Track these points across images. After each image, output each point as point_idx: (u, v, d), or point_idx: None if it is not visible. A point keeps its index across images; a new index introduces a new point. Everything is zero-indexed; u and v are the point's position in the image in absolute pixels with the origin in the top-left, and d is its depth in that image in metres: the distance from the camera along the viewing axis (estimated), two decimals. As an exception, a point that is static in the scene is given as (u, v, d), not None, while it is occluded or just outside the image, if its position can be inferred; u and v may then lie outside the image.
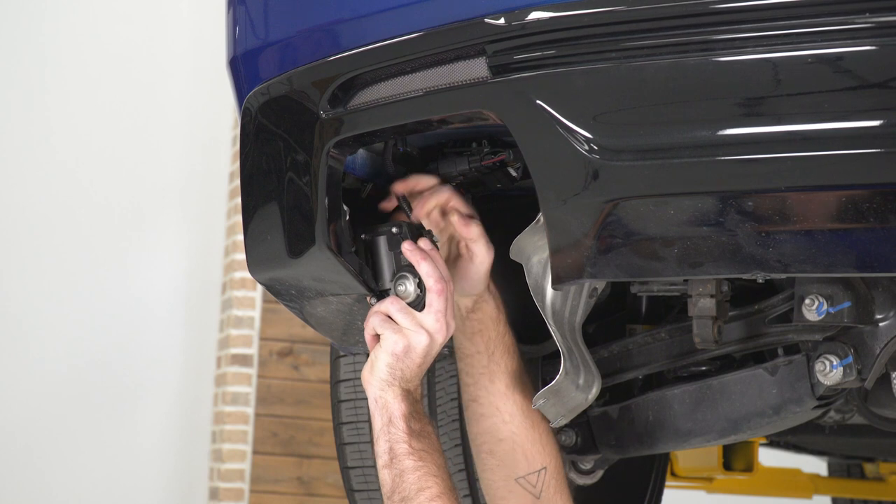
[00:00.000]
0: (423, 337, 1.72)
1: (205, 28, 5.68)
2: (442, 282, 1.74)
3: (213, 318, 5.66)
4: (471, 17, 1.52)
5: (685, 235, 1.46)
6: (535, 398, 1.78)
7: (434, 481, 1.67)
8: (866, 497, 3.74)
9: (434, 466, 1.69)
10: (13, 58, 5.60)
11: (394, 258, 1.77)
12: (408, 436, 1.70)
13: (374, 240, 1.79)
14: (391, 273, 1.77)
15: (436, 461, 1.70)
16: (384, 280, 1.78)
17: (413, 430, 1.70)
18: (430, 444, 1.71)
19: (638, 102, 1.45)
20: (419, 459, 1.69)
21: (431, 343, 1.73)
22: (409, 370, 1.73)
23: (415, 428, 1.71)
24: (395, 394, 1.72)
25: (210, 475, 5.46)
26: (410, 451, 1.69)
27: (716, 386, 1.91)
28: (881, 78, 1.35)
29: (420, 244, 1.76)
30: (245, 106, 1.75)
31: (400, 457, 1.69)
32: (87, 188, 5.61)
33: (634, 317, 2.06)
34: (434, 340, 1.73)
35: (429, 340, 1.73)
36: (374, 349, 1.75)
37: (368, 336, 1.76)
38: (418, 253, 1.75)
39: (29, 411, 5.41)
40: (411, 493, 1.67)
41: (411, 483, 1.68)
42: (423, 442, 1.70)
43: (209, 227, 5.71)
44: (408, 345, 1.73)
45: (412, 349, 1.73)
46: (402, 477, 1.68)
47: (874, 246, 1.38)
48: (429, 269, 1.74)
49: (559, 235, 1.52)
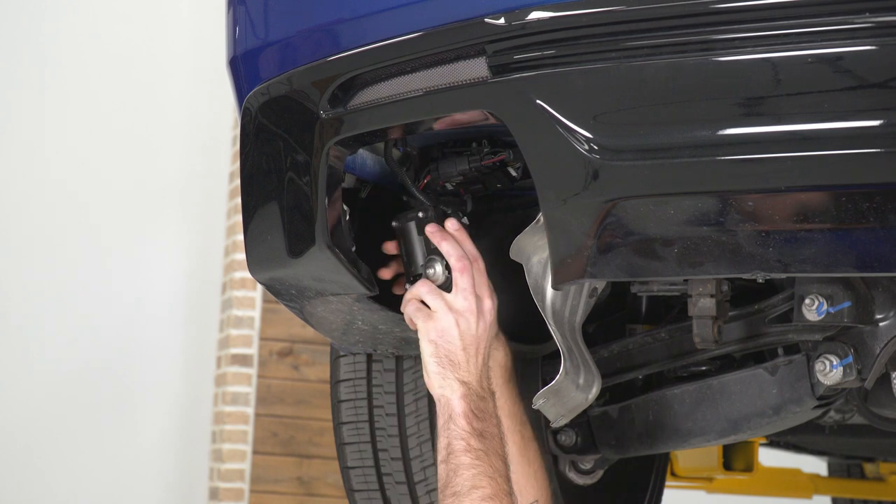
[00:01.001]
0: (451, 318, 1.70)
1: (205, 28, 5.68)
2: (464, 259, 1.72)
3: (213, 318, 5.66)
4: (471, 17, 1.52)
5: (685, 235, 1.46)
6: (535, 398, 1.78)
7: (488, 482, 1.65)
8: (866, 497, 3.74)
9: (491, 468, 1.66)
10: (13, 58, 5.60)
11: (423, 242, 1.78)
12: (468, 433, 1.67)
13: (404, 226, 1.79)
14: (423, 257, 1.77)
15: (493, 464, 1.67)
16: (416, 265, 1.78)
17: (475, 428, 1.68)
18: (492, 446, 1.69)
19: (638, 102, 1.45)
20: (476, 458, 1.67)
21: (464, 322, 1.71)
22: (455, 355, 1.70)
23: (476, 427, 1.68)
24: (454, 390, 1.69)
25: (210, 475, 5.46)
26: (468, 448, 1.67)
27: (716, 386, 1.91)
28: (881, 78, 1.35)
29: (447, 225, 1.76)
30: (245, 106, 1.75)
31: (457, 453, 1.67)
32: (87, 188, 5.61)
33: (634, 317, 2.06)
34: (466, 319, 1.71)
35: (457, 320, 1.71)
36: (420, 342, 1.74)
37: (412, 326, 1.76)
38: (439, 234, 1.75)
39: (29, 411, 5.41)
40: (463, 490, 1.65)
41: (465, 480, 1.65)
42: (485, 442, 1.68)
43: (209, 227, 5.71)
44: (440, 328, 1.71)
45: (446, 332, 1.71)
46: (457, 472, 1.66)
47: (874, 246, 1.38)
48: (449, 249, 1.73)
49: (559, 235, 1.52)
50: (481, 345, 1.72)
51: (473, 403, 1.69)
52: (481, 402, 1.71)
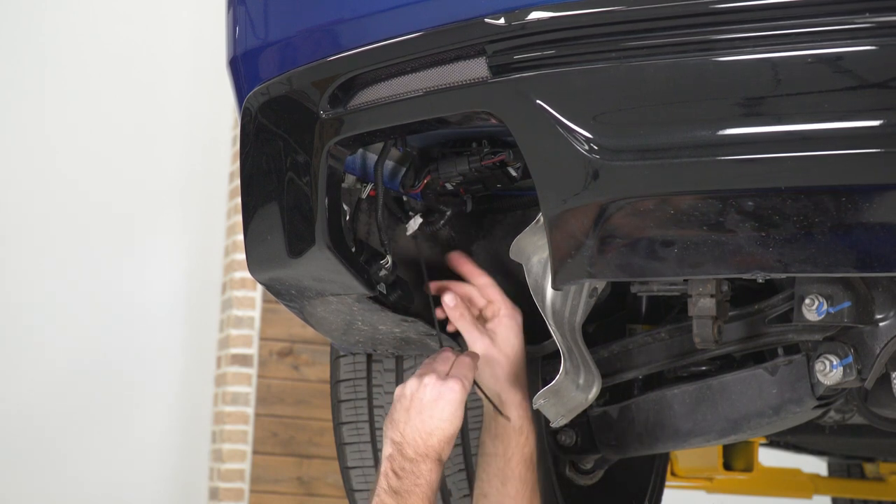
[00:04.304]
0: (412, 382, 1.80)
1: (205, 28, 5.68)
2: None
3: (213, 318, 5.66)
4: (471, 17, 1.52)
5: (685, 235, 1.46)
6: (535, 398, 1.79)
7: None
8: (866, 497, 3.74)
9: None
10: (13, 58, 5.61)
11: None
12: (383, 490, 1.75)
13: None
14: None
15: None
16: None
17: (391, 486, 1.75)
18: (404, 502, 1.75)
19: (638, 102, 1.45)
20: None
21: (417, 385, 1.79)
22: (398, 413, 1.79)
23: (393, 484, 1.75)
24: (385, 447, 1.78)
25: (210, 475, 5.46)
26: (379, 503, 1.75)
27: (716, 386, 1.91)
28: (881, 78, 1.35)
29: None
30: (245, 106, 1.75)
31: (378, 493, 1.76)
32: (87, 188, 5.62)
33: (634, 317, 2.06)
34: (425, 386, 1.79)
35: (418, 386, 1.79)
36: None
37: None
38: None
39: (28, 411, 5.41)
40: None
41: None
42: (398, 498, 1.75)
43: (209, 227, 5.71)
44: (400, 390, 1.81)
45: (400, 393, 1.81)
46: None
47: (874, 246, 1.38)
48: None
49: (559, 235, 1.52)
50: (425, 413, 1.76)
51: (397, 463, 1.75)
52: (409, 463, 1.75)
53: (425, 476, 1.75)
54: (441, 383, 1.76)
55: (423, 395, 1.76)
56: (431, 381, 1.76)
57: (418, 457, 1.75)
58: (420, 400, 1.76)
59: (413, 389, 1.77)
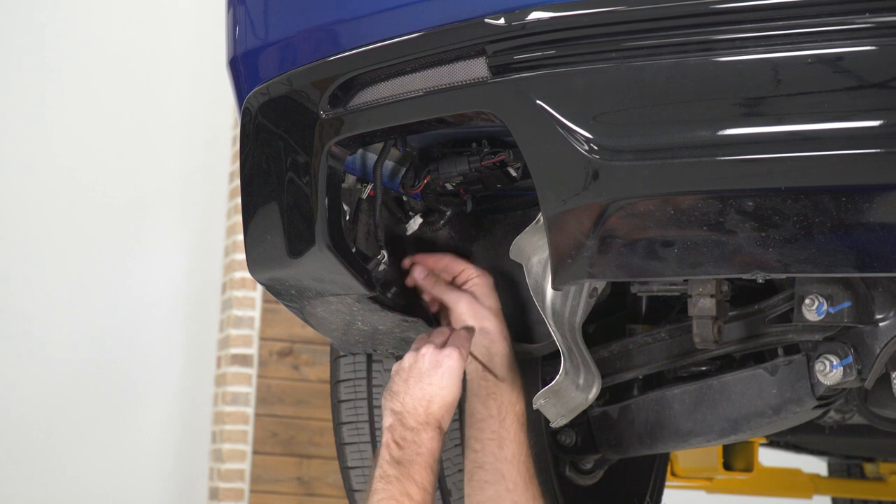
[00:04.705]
0: (409, 355, 1.82)
1: (205, 28, 5.68)
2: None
3: (213, 318, 5.66)
4: (471, 17, 1.52)
5: (685, 236, 1.46)
6: (535, 398, 1.78)
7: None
8: (866, 497, 3.74)
9: (399, 492, 1.73)
10: (13, 58, 5.61)
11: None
12: (385, 461, 1.76)
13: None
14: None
15: (403, 488, 1.74)
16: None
17: (392, 456, 1.75)
18: (406, 471, 1.75)
19: (638, 102, 1.45)
20: (387, 483, 1.74)
21: (413, 358, 1.82)
22: (396, 385, 1.80)
23: (395, 455, 1.76)
24: (385, 418, 1.79)
25: (210, 475, 5.46)
26: (382, 475, 1.75)
27: (716, 386, 1.91)
28: (881, 78, 1.35)
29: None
30: (245, 106, 1.75)
31: (374, 479, 1.77)
32: (88, 188, 5.62)
33: (634, 317, 2.06)
34: (417, 357, 1.81)
35: (412, 356, 1.82)
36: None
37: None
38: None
39: (29, 411, 5.41)
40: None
41: (372, 502, 1.74)
42: (399, 468, 1.75)
43: (209, 227, 5.71)
44: (397, 365, 1.83)
45: (399, 366, 1.82)
46: (370, 495, 1.75)
47: (874, 246, 1.38)
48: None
49: (559, 235, 1.52)
50: (424, 381, 1.78)
51: (398, 433, 1.77)
52: (409, 432, 1.76)
53: (427, 445, 1.76)
54: (438, 352, 1.78)
55: (421, 364, 1.78)
56: (429, 350, 1.78)
57: (419, 426, 1.76)
58: (419, 369, 1.78)
59: (411, 361, 1.79)
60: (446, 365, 1.77)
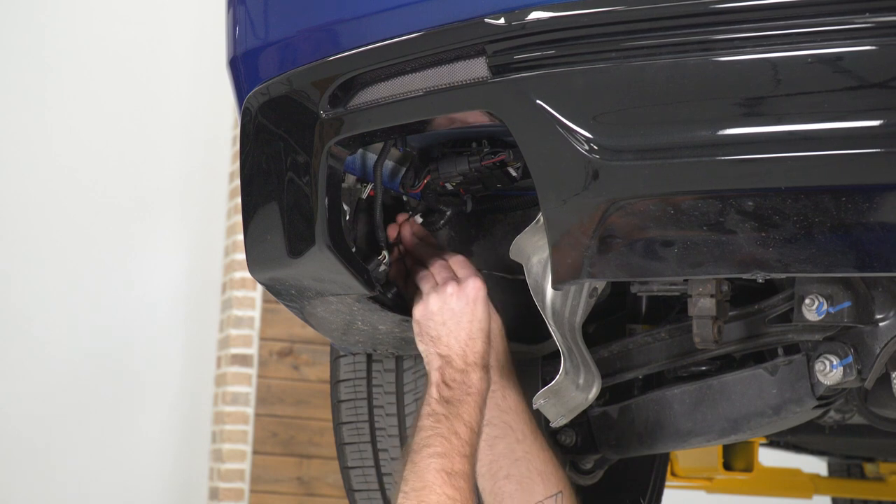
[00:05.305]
0: (433, 298, 1.82)
1: (205, 28, 5.68)
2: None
3: (213, 318, 5.66)
4: (471, 17, 1.52)
5: (685, 235, 1.46)
6: (535, 398, 1.78)
7: (440, 441, 1.72)
8: (866, 497, 3.74)
9: (448, 430, 1.73)
10: (13, 58, 5.61)
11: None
12: (434, 400, 1.76)
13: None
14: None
15: (452, 427, 1.74)
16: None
17: (442, 396, 1.76)
18: (455, 411, 1.75)
19: (638, 102, 1.45)
20: (435, 422, 1.74)
21: (441, 301, 1.82)
22: (435, 331, 1.81)
23: (444, 394, 1.76)
24: (431, 363, 1.80)
25: (210, 475, 5.46)
26: (430, 412, 1.75)
27: (716, 386, 1.91)
28: (881, 78, 1.35)
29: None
30: (245, 106, 1.75)
31: (422, 417, 1.76)
32: (88, 188, 5.62)
33: (634, 317, 2.06)
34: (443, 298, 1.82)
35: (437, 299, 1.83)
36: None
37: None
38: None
39: (29, 411, 5.41)
40: (417, 448, 1.73)
41: (420, 440, 1.74)
42: (448, 408, 1.75)
43: (209, 227, 5.71)
44: (422, 310, 1.83)
45: (427, 311, 1.82)
46: (417, 433, 1.75)
47: (874, 246, 1.38)
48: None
49: (559, 235, 1.52)
50: (463, 319, 1.79)
51: (448, 375, 1.77)
52: (458, 374, 1.78)
53: (476, 385, 1.77)
54: (461, 288, 1.80)
55: (452, 304, 1.80)
56: (453, 289, 1.80)
57: (468, 366, 1.78)
58: (451, 309, 1.79)
59: (439, 304, 1.80)
60: (473, 296, 1.80)
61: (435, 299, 1.80)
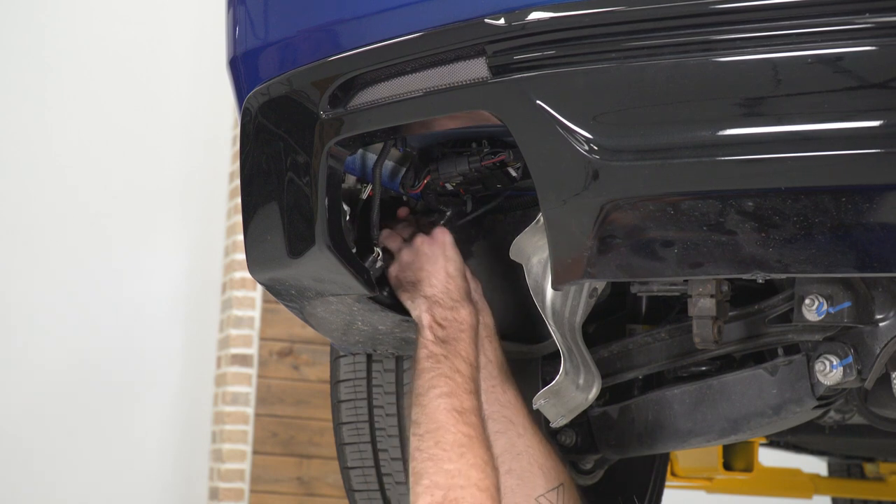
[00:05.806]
0: (406, 251, 1.88)
1: (205, 28, 5.68)
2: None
3: (213, 318, 5.66)
4: (471, 18, 1.52)
5: (685, 236, 1.46)
6: (535, 398, 1.78)
7: (445, 381, 1.74)
8: (866, 497, 3.74)
9: (449, 369, 1.75)
10: (13, 58, 5.60)
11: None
12: (430, 341, 1.78)
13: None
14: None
15: (453, 365, 1.76)
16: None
17: (437, 336, 1.78)
18: (453, 349, 1.77)
19: (638, 103, 1.45)
20: (436, 362, 1.76)
21: (413, 252, 1.87)
22: (414, 276, 1.84)
23: (439, 334, 1.78)
24: (419, 306, 1.82)
25: (210, 475, 5.46)
26: (429, 354, 1.77)
27: (716, 386, 1.91)
28: (881, 78, 1.35)
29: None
30: (245, 106, 1.75)
31: (420, 360, 1.78)
32: (88, 188, 5.62)
33: (634, 317, 2.06)
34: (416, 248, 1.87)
35: (410, 250, 1.87)
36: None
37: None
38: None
39: (29, 411, 5.41)
40: (422, 391, 1.75)
41: (424, 382, 1.75)
42: (445, 347, 1.77)
43: (209, 227, 5.71)
44: (399, 263, 1.88)
45: (402, 263, 1.87)
46: (419, 377, 1.76)
47: (874, 246, 1.38)
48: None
49: (559, 235, 1.52)
50: (438, 261, 1.83)
51: (438, 314, 1.80)
52: (448, 311, 1.80)
53: (467, 320, 1.80)
54: (429, 237, 1.85)
55: (424, 249, 1.84)
56: (421, 238, 1.85)
57: (455, 303, 1.80)
58: (425, 254, 1.83)
59: (411, 255, 1.84)
60: (441, 240, 1.85)
61: (406, 252, 1.84)
